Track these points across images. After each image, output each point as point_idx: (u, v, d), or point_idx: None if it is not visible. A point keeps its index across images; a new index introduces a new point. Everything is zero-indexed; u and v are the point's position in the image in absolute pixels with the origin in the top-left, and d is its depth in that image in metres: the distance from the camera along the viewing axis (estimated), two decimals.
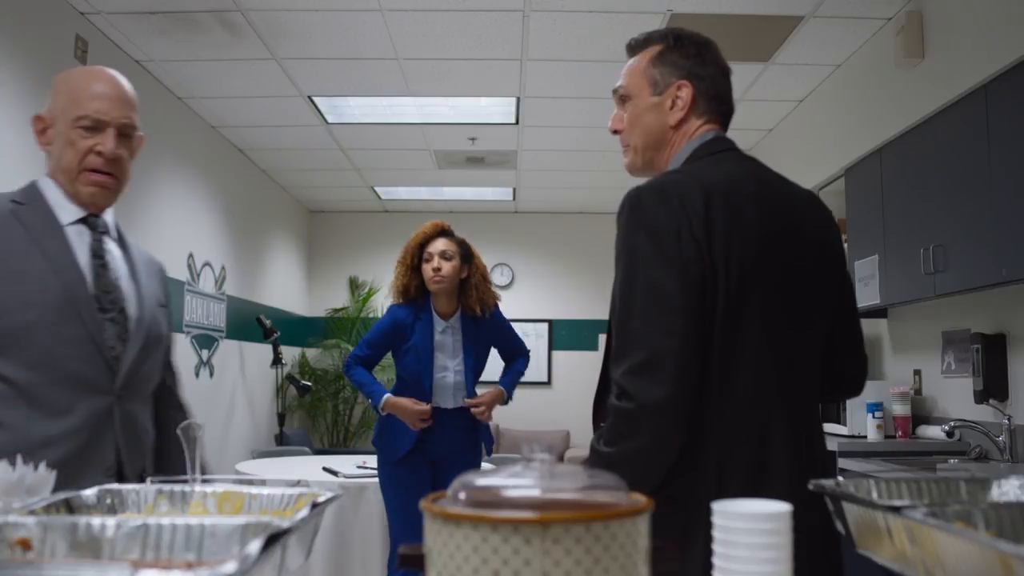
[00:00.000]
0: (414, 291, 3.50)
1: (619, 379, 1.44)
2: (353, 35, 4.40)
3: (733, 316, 1.45)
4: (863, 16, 4.11)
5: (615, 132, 1.70)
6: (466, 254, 3.50)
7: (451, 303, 3.52)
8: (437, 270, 3.42)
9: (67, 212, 1.73)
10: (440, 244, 3.46)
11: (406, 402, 3.41)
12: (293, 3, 4.04)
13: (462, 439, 3.50)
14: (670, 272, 1.43)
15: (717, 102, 1.65)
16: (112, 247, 1.80)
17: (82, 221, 1.75)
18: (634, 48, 1.70)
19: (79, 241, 1.73)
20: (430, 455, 3.44)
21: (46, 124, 1.75)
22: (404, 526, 3.37)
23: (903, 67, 3.90)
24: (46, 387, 1.61)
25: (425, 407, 3.40)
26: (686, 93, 1.61)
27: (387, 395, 3.45)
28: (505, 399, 3.59)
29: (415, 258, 3.49)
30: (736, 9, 4.05)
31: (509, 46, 4.53)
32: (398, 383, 3.54)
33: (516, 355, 3.73)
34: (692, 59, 1.63)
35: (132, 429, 1.73)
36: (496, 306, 3.60)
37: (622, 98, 1.68)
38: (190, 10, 4.07)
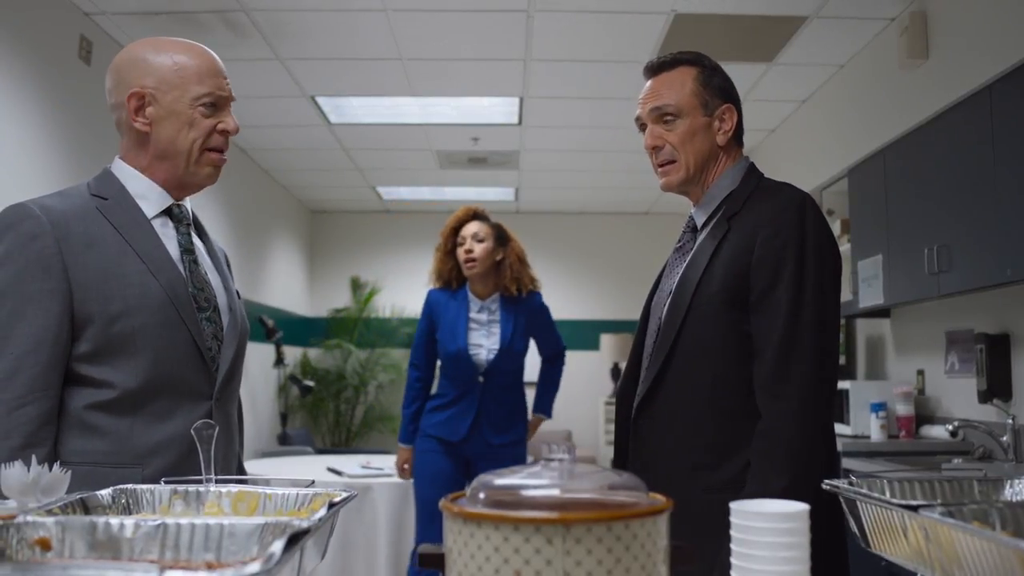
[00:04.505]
0: (448, 274, 3.56)
1: (795, 387, 1.53)
2: (356, 35, 4.40)
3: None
4: (867, 17, 4.11)
5: (655, 148, 1.73)
6: (500, 236, 3.55)
7: (487, 285, 3.56)
8: (469, 252, 3.46)
9: (149, 204, 1.61)
10: (472, 227, 3.50)
11: (405, 458, 3.60)
12: (296, 3, 4.04)
13: (507, 413, 3.55)
14: (834, 289, 1.61)
15: (743, 128, 1.79)
16: (195, 239, 1.70)
17: (165, 212, 1.64)
18: (659, 68, 1.75)
19: (166, 235, 1.62)
20: (472, 449, 3.47)
21: (146, 102, 1.58)
22: (430, 525, 3.39)
23: (907, 68, 3.90)
24: (151, 394, 1.53)
25: (405, 465, 3.60)
26: (731, 116, 1.73)
27: (404, 447, 3.60)
28: (546, 418, 3.80)
29: (449, 242, 3.55)
30: (739, 9, 4.05)
31: (512, 46, 4.53)
32: (442, 371, 3.58)
33: (553, 354, 3.79)
34: (727, 82, 1.75)
35: (228, 430, 1.65)
36: (538, 292, 3.67)
37: (665, 116, 1.71)
38: (194, 10, 4.07)
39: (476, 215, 3.57)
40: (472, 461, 3.48)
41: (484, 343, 3.50)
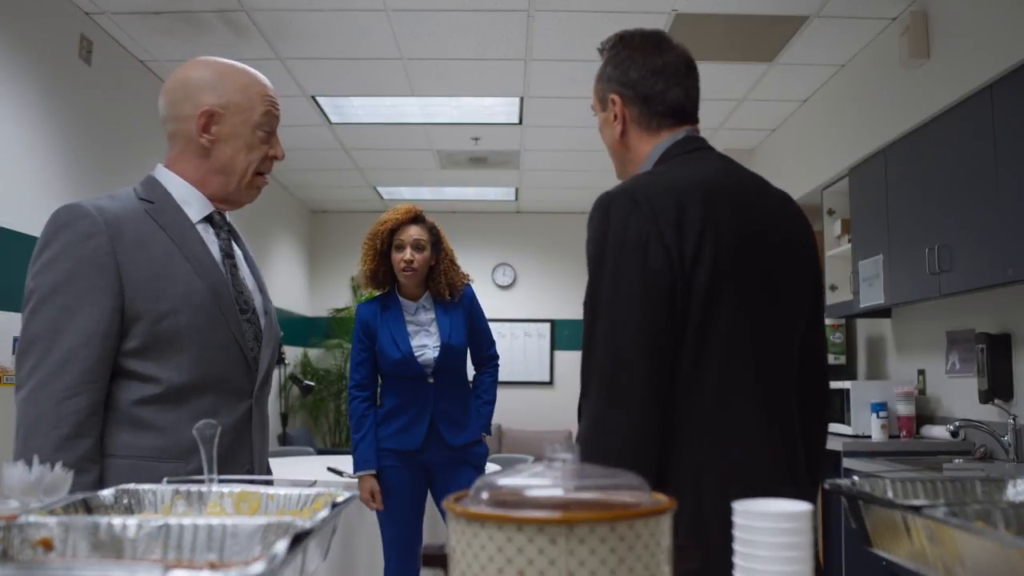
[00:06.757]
0: (382, 276, 3.38)
1: (583, 406, 1.42)
2: (357, 35, 4.40)
3: (706, 323, 1.39)
4: (868, 16, 4.11)
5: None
6: (436, 241, 3.37)
7: (419, 287, 3.40)
8: (409, 262, 3.28)
9: (192, 210, 1.68)
10: (413, 232, 3.30)
11: (370, 486, 3.23)
12: (297, 3, 4.04)
13: (461, 410, 3.35)
14: (633, 292, 1.38)
15: (658, 104, 1.56)
16: (234, 245, 1.76)
17: (206, 219, 1.70)
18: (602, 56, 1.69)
19: (208, 240, 1.68)
20: (431, 458, 3.30)
21: (214, 120, 1.66)
22: (398, 544, 3.26)
23: (908, 67, 3.90)
24: (196, 392, 1.59)
25: (375, 501, 3.23)
26: (617, 107, 1.59)
27: (367, 474, 3.24)
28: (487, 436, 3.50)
29: (385, 243, 3.34)
30: (740, 9, 4.05)
31: (513, 46, 4.53)
32: (385, 383, 3.39)
33: (486, 356, 3.55)
34: (617, 67, 1.59)
35: (262, 428, 1.73)
36: (468, 287, 3.47)
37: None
38: (195, 10, 4.07)
39: (416, 217, 3.35)
40: (432, 470, 3.30)
41: (427, 342, 3.32)
